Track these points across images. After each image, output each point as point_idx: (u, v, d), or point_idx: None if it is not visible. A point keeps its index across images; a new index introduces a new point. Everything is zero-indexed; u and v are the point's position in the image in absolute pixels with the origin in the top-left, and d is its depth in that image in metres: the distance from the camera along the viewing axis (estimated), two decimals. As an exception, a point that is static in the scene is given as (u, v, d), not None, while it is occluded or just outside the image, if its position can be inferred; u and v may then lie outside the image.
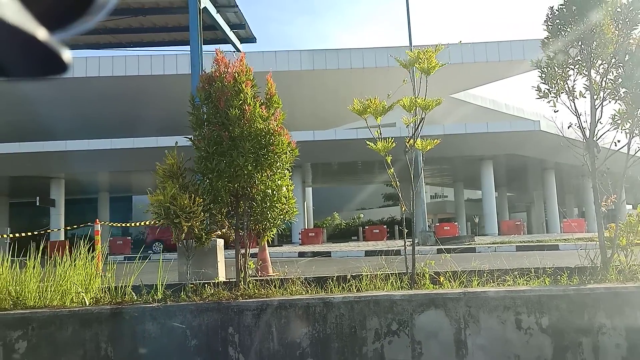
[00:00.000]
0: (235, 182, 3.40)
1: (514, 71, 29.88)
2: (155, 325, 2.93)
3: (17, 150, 25.74)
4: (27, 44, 0.59)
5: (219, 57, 3.60)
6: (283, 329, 2.94)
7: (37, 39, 0.59)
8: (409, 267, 3.66)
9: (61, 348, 2.89)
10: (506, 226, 25.82)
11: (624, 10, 3.42)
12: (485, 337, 2.91)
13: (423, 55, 3.47)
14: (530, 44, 28.95)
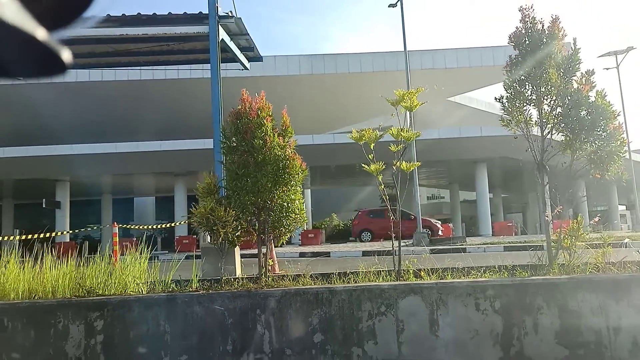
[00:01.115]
0: (258, 197, 4.34)
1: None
2: (201, 308, 3.85)
3: (25, 154, 26.48)
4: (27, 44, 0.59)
5: (244, 97, 4.53)
6: (298, 311, 3.86)
7: (37, 39, 0.60)
8: (397, 264, 4.59)
9: (129, 325, 3.81)
10: (498, 227, 26.69)
11: (564, 62, 4.35)
12: (452, 316, 3.84)
13: (407, 96, 4.39)
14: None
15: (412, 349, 3.78)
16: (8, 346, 3.70)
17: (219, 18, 6.68)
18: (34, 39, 0.59)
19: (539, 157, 4.58)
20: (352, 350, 3.79)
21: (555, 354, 3.74)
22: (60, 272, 4.19)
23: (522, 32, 4.55)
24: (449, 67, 29.53)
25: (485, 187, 30.83)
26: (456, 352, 3.78)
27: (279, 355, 3.80)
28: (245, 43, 8.29)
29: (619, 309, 3.80)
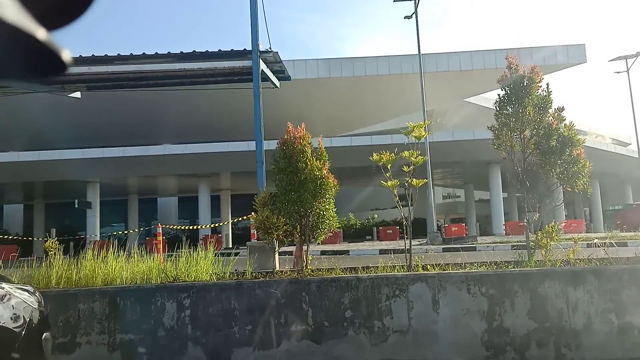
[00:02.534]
0: (301, 207, 5.65)
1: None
2: (261, 291, 5.17)
3: (59, 157, 28.06)
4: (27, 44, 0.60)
5: (290, 128, 5.85)
6: (333, 294, 5.16)
7: (37, 39, 0.61)
8: (408, 260, 5.87)
9: (208, 303, 5.13)
10: (510, 227, 27.61)
11: (540, 101, 5.58)
12: (449, 298, 5.10)
13: (416, 128, 5.66)
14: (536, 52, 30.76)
15: (418, 322, 5.06)
16: (122, 318, 5.07)
17: (260, 53, 8.01)
18: (34, 39, 0.60)
19: (521, 174, 5.82)
20: (374, 322, 5.08)
21: (527, 326, 4.99)
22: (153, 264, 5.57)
23: (508, 77, 5.79)
24: (463, 69, 30.55)
25: (499, 187, 31.74)
26: (452, 325, 5.05)
27: (319, 327, 5.10)
28: (278, 68, 9.61)
29: (576, 293, 5.03)
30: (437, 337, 5.05)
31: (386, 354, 5.01)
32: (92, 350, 4.97)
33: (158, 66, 8.08)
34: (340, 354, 5.02)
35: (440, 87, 31.05)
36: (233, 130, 32.25)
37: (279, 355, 5.03)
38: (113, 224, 44.74)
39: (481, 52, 30.79)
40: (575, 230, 25.56)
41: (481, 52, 30.79)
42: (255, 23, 7.90)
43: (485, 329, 5.02)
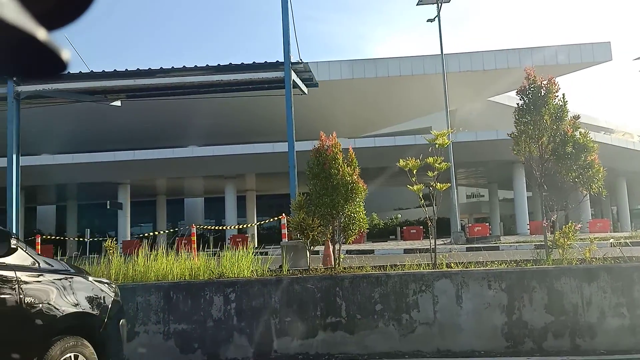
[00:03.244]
0: (334, 210, 6.16)
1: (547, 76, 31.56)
2: (299, 286, 5.69)
3: (91, 160, 29.03)
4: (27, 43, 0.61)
5: (322, 138, 6.37)
6: (365, 289, 5.65)
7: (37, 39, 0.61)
8: (433, 258, 6.33)
9: (251, 296, 5.68)
10: (534, 226, 27.63)
11: (555, 110, 5.98)
12: (471, 293, 5.55)
13: (440, 137, 6.12)
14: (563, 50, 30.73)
15: (443, 315, 5.52)
16: (175, 310, 5.65)
17: (292, 64, 8.55)
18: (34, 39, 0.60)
19: (539, 178, 6.23)
20: (402, 315, 5.57)
21: (545, 319, 5.41)
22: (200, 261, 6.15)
23: (526, 87, 6.21)
24: (487, 68, 30.62)
25: (523, 187, 31.70)
26: (474, 318, 5.50)
27: (352, 319, 5.60)
28: (307, 76, 10.13)
29: (590, 289, 5.44)
30: (461, 329, 5.50)
31: (414, 344, 5.49)
32: (149, 338, 5.56)
33: (197, 78, 8.69)
34: (372, 343, 5.52)
35: (463, 86, 31.20)
36: (257, 131, 32.96)
37: (315, 344, 5.56)
38: (141, 224, 46.01)
39: (505, 52, 30.83)
40: (600, 229, 25.54)
41: (505, 52, 30.83)
42: (287, 35, 8.44)
43: (505, 322, 5.46)
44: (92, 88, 9.21)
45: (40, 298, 3.17)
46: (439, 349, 5.45)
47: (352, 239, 6.54)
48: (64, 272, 3.57)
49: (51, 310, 3.23)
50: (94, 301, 3.69)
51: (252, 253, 6.51)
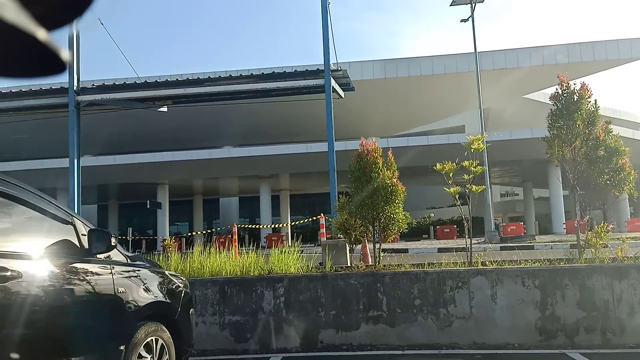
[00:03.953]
0: (374, 211, 6.59)
1: (584, 72, 31.09)
2: (342, 281, 6.14)
3: (133, 161, 30.09)
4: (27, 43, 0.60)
5: (363, 143, 6.81)
6: (404, 285, 6.06)
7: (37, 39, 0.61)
8: (469, 256, 6.68)
9: (299, 291, 6.16)
10: (571, 225, 27.34)
11: (587, 115, 6.25)
12: (506, 290, 5.89)
13: (475, 141, 6.47)
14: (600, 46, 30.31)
15: (478, 310, 5.88)
16: (229, 303, 6.17)
17: (332, 72, 9.00)
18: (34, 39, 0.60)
19: (572, 180, 6.51)
20: (439, 310, 5.95)
21: (577, 315, 5.71)
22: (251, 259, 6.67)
23: (559, 93, 6.49)
24: (521, 66, 30.41)
25: (559, 185, 31.35)
26: (508, 313, 5.84)
27: (392, 312, 6.01)
28: (344, 81, 10.57)
29: (621, 286, 5.70)
30: (495, 324, 5.85)
31: (451, 336, 5.87)
32: (207, 328, 6.10)
33: (243, 86, 9.23)
34: (411, 336, 5.92)
35: (497, 84, 31.06)
36: (290, 132, 33.56)
37: (358, 336, 5.99)
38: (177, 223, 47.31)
39: (540, 48, 30.56)
40: (638, 228, 25.11)
41: (540, 48, 30.56)
42: (327, 46, 8.89)
43: (538, 317, 5.78)
44: (144, 97, 9.86)
45: (129, 288, 3.71)
46: (475, 342, 5.81)
47: (391, 239, 6.95)
48: (145, 266, 4.11)
49: (137, 299, 3.76)
50: (170, 292, 4.22)
51: (298, 251, 6.99)
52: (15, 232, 3.14)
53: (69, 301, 3.24)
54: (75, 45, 9.13)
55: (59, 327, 3.19)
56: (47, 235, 3.31)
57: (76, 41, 9.17)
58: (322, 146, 27.21)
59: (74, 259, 3.35)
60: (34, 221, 3.29)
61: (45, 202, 3.40)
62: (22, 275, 2.88)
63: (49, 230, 3.35)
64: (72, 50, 9.07)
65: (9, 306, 2.80)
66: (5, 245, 2.94)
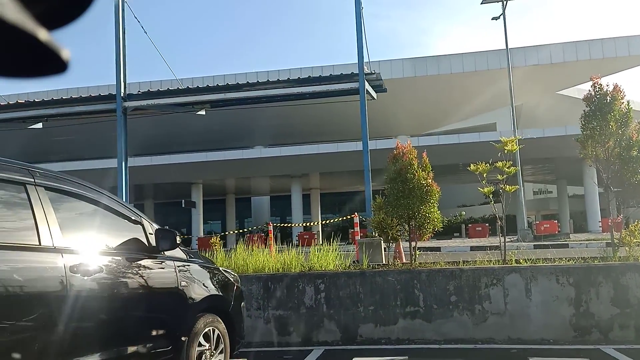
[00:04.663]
0: (409, 211, 6.85)
1: (619, 68, 30.46)
2: (380, 278, 6.42)
3: (168, 162, 30.87)
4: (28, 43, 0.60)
5: (399, 145, 7.07)
6: (440, 282, 6.30)
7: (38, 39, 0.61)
8: (503, 254, 6.87)
9: (339, 287, 6.46)
10: (606, 224, 26.92)
11: (620, 116, 6.37)
12: (540, 287, 6.06)
13: (509, 143, 6.65)
14: (635, 41, 29.64)
15: (513, 306, 6.08)
16: (273, 298, 6.53)
17: (366, 75, 9.27)
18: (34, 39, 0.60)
19: (605, 180, 6.62)
20: (475, 306, 6.17)
21: (610, 311, 5.85)
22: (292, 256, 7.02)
23: (592, 95, 6.62)
24: (554, 62, 29.99)
25: (594, 184, 30.79)
26: (543, 309, 6.02)
27: (429, 308, 6.26)
28: (377, 83, 10.82)
29: (655, 284, 5.82)
30: (530, 320, 6.03)
31: (486, 332, 6.09)
32: (252, 321, 6.46)
33: (280, 91, 9.59)
34: (448, 331, 6.16)
35: (529, 81, 30.72)
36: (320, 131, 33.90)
37: (396, 330, 6.27)
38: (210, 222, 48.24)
39: (573, 44, 30.08)
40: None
41: (573, 44, 30.08)
42: (361, 50, 9.17)
43: (572, 314, 5.94)
44: (186, 102, 10.33)
45: (190, 283, 4.07)
46: (510, 337, 6.01)
47: (426, 237, 7.19)
48: (202, 263, 4.48)
49: (196, 292, 4.13)
50: (224, 286, 4.58)
51: (337, 249, 7.30)
52: (95, 232, 3.53)
53: (141, 294, 3.62)
54: (122, 54, 9.64)
55: (134, 317, 3.58)
56: (120, 234, 3.70)
57: (122, 49, 9.68)
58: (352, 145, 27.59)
59: (143, 255, 3.73)
60: (110, 221, 3.69)
61: (118, 204, 3.80)
62: (103, 270, 3.27)
63: (122, 230, 3.74)
64: (118, 58, 9.59)
65: (94, 297, 3.19)
66: (89, 243, 3.33)
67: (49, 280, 2.90)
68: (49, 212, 3.06)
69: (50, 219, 3.04)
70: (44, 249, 2.93)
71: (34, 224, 2.94)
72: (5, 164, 2.99)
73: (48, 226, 3.00)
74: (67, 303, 2.97)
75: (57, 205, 3.17)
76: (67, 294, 2.97)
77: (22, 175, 3.03)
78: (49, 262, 2.94)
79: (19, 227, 2.94)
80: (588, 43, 29.87)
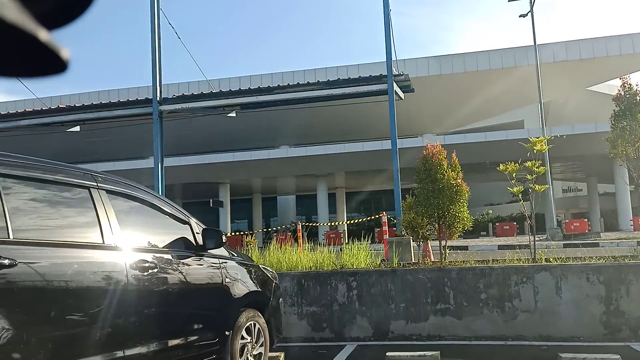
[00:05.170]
0: (439, 210, 7.00)
1: None
2: (411, 276, 6.59)
3: (197, 162, 31.43)
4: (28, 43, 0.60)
5: (428, 147, 7.23)
6: (470, 280, 6.43)
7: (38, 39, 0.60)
8: (533, 253, 6.97)
9: (370, 285, 6.66)
10: (638, 222, 26.46)
11: (651, 116, 6.42)
12: (570, 285, 6.15)
13: (538, 142, 6.75)
14: (668, 34, 28.96)
15: (543, 304, 6.18)
16: (306, 295, 6.76)
17: (394, 77, 9.44)
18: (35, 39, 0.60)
19: (636, 179, 6.67)
20: (505, 304, 6.29)
21: (641, 309, 5.91)
22: (324, 255, 7.24)
23: (622, 95, 6.67)
24: (584, 57, 29.54)
25: (625, 182, 30.20)
26: (573, 307, 6.11)
27: (459, 306, 6.41)
28: (405, 84, 10.95)
29: (687, 282, 5.85)
30: (560, 317, 6.13)
31: (516, 329, 6.20)
32: (287, 317, 6.69)
33: (310, 93, 9.82)
34: (478, 328, 6.30)
35: (558, 77, 30.30)
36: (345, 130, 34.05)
37: (427, 327, 6.43)
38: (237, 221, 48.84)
39: (603, 39, 29.59)
40: None
41: (603, 39, 29.59)
42: (390, 52, 9.33)
43: (603, 311, 6.02)
44: (218, 105, 10.64)
45: (233, 279, 4.33)
46: (541, 334, 6.12)
47: (455, 236, 7.33)
48: (243, 260, 4.73)
49: (239, 288, 4.38)
50: (263, 283, 4.82)
51: (368, 248, 7.49)
52: (149, 231, 3.81)
53: (191, 289, 3.89)
54: (158, 60, 9.99)
55: (184, 311, 3.84)
56: (171, 233, 3.97)
57: (158, 56, 10.03)
58: (377, 144, 27.64)
59: (191, 253, 3.99)
60: (161, 221, 3.96)
61: (168, 205, 4.07)
62: (157, 267, 3.54)
63: (172, 229, 4.01)
64: (154, 63, 9.94)
65: (150, 292, 3.45)
66: (144, 241, 3.61)
67: (112, 275, 3.17)
68: (110, 213, 3.34)
69: (112, 219, 3.32)
70: (107, 247, 3.21)
71: (97, 224, 3.22)
72: (72, 170, 3.28)
73: (110, 226, 3.28)
74: (127, 296, 3.24)
75: (116, 207, 3.44)
76: (128, 288, 3.24)
77: (87, 180, 3.31)
78: (112, 259, 3.21)
79: (85, 227, 3.22)
80: (618, 38, 29.36)
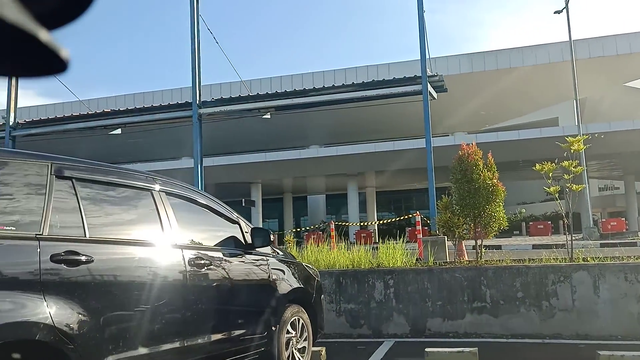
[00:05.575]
0: (475, 210, 7.10)
1: None
2: (447, 275, 6.71)
3: (230, 162, 31.97)
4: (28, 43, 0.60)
5: (464, 147, 7.33)
6: (507, 278, 6.52)
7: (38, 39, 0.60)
8: (570, 252, 7.00)
9: (407, 283, 6.81)
10: (679, 222, 25.72)
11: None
12: (608, 284, 6.18)
13: (575, 143, 6.77)
14: None
15: (581, 302, 6.22)
16: (344, 293, 6.95)
17: (428, 77, 9.54)
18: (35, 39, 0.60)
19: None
20: (542, 302, 6.35)
21: (682, 309, 5.90)
22: (360, 253, 7.42)
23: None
24: (620, 53, 28.88)
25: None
26: (611, 306, 6.13)
27: (495, 304, 6.50)
28: (439, 84, 11.03)
29: None
30: (598, 316, 6.16)
31: (553, 328, 6.26)
32: (326, 314, 6.88)
33: (344, 95, 10.01)
34: (514, 326, 6.38)
35: (594, 74, 29.69)
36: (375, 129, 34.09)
37: (464, 325, 6.55)
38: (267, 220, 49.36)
39: (639, 34, 28.90)
40: None
41: (639, 34, 28.90)
42: (424, 53, 9.43)
43: (641, 311, 6.03)
44: (254, 107, 10.93)
45: (279, 276, 4.55)
46: (578, 333, 6.16)
47: (491, 236, 7.41)
48: (287, 259, 4.95)
49: (285, 285, 4.60)
50: (306, 280, 5.04)
51: (403, 247, 7.64)
52: (203, 230, 4.07)
53: (241, 285, 4.13)
54: (197, 64, 10.34)
55: (236, 305, 4.09)
56: (222, 232, 4.22)
57: (198, 60, 10.38)
58: (408, 144, 27.58)
59: (241, 251, 4.24)
60: (213, 221, 4.22)
61: (220, 205, 4.33)
62: (211, 264, 3.79)
63: (223, 228, 4.26)
64: (194, 68, 10.29)
65: (206, 287, 3.71)
66: (199, 239, 3.87)
67: (174, 271, 3.43)
68: (170, 214, 3.60)
69: (171, 219, 3.59)
70: (168, 245, 3.47)
71: (159, 223, 3.49)
72: (136, 174, 3.55)
73: (170, 226, 3.54)
74: (187, 291, 3.50)
75: (174, 207, 3.71)
76: (187, 283, 3.50)
77: (149, 183, 3.58)
78: (173, 256, 3.47)
79: (149, 226, 3.48)
80: (654, 32, 28.63)
